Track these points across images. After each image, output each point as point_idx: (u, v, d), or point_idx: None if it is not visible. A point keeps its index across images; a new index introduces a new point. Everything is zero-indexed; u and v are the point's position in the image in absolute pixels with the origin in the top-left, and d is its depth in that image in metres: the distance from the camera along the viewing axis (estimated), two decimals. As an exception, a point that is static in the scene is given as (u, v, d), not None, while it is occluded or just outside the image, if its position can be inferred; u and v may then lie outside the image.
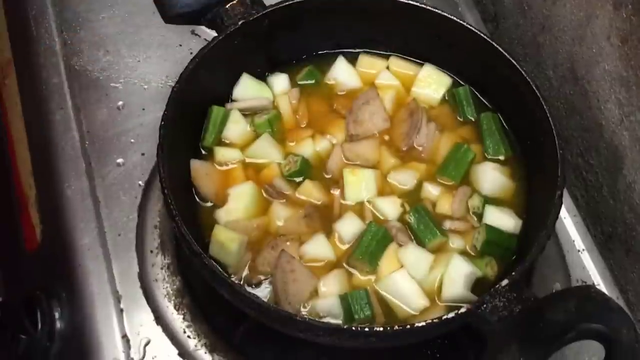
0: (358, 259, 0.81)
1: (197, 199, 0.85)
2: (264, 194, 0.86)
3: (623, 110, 0.93)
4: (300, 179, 0.87)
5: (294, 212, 0.85)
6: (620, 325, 0.66)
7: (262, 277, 0.81)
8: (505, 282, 0.72)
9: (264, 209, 0.85)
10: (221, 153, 0.88)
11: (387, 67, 0.96)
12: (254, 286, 0.80)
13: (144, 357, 0.84)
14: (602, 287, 0.93)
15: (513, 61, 0.87)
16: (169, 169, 0.79)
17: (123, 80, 1.02)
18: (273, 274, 0.79)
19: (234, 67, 0.91)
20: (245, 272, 0.81)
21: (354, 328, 0.71)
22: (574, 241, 0.96)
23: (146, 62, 1.04)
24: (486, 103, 0.94)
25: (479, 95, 0.94)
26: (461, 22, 0.90)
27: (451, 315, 0.71)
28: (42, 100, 1.00)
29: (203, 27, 0.98)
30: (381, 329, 0.71)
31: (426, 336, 0.78)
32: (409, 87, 0.94)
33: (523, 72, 0.86)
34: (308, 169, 0.88)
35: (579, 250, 0.95)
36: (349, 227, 0.84)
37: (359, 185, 0.86)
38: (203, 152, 0.89)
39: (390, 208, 0.86)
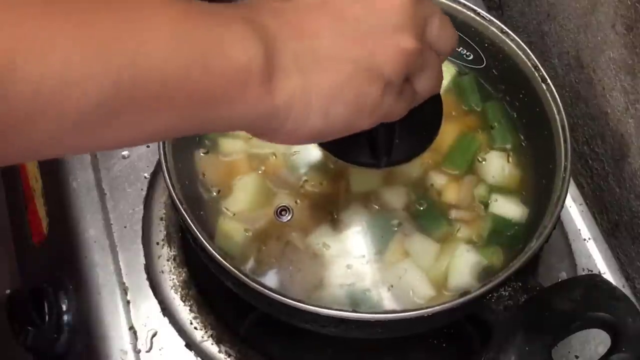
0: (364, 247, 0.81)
1: (202, 190, 0.85)
2: (269, 184, 0.86)
3: (628, 98, 0.93)
4: (306, 168, 0.87)
5: (299, 202, 0.85)
6: (626, 313, 0.66)
7: (268, 268, 0.81)
8: (510, 271, 0.72)
9: (269, 200, 0.85)
10: (226, 144, 0.88)
11: (392, 57, 0.95)
12: (259, 277, 0.80)
13: (151, 348, 0.85)
14: (608, 275, 0.93)
15: (518, 50, 0.87)
16: (174, 160, 0.79)
17: (128, 72, 1.02)
18: (279, 265, 0.79)
19: (238, 58, 0.91)
20: (250, 263, 0.81)
21: (360, 319, 0.72)
22: (579, 230, 0.96)
23: (151, 54, 1.04)
24: (491, 91, 0.93)
25: (484, 84, 0.94)
26: (465, 10, 0.90)
27: (456, 304, 0.71)
28: (47, 93, 1.00)
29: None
30: (387, 319, 0.71)
31: (431, 325, 0.78)
32: (414, 76, 0.94)
33: (528, 61, 0.86)
34: (313, 159, 0.88)
35: (584, 239, 0.95)
36: (354, 217, 0.84)
37: (364, 174, 0.86)
38: (207, 143, 0.89)
39: (395, 197, 0.85)
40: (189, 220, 0.75)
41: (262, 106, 0.52)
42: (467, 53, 0.92)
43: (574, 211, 0.97)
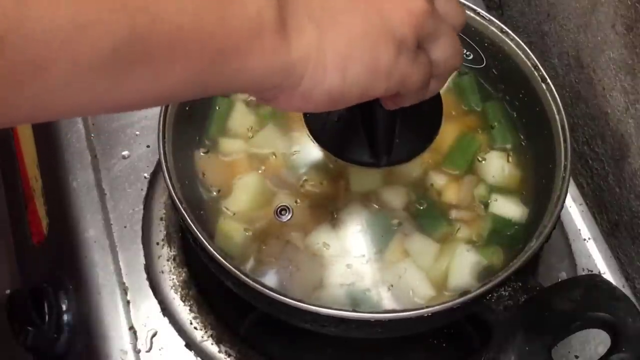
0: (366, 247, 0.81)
1: (202, 190, 0.85)
2: (269, 184, 0.86)
3: (628, 98, 0.93)
4: (306, 168, 0.87)
5: (299, 202, 0.85)
6: (626, 313, 0.66)
7: (268, 268, 0.81)
8: (510, 271, 0.72)
9: (269, 200, 0.85)
10: (225, 144, 0.88)
11: (391, 57, 0.95)
12: (259, 277, 0.80)
13: (150, 348, 0.85)
14: (608, 275, 0.93)
15: (518, 50, 0.87)
16: (174, 160, 0.79)
17: (128, 72, 1.02)
18: (279, 265, 0.79)
19: (238, 58, 0.91)
20: (250, 263, 0.81)
21: (359, 318, 0.72)
22: (579, 230, 0.96)
23: (150, 54, 1.04)
24: (491, 91, 0.93)
25: (484, 84, 0.94)
26: (465, 9, 0.90)
27: (456, 304, 0.71)
28: (47, 93, 1.00)
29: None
30: (387, 318, 0.71)
31: (431, 325, 0.78)
32: (413, 76, 0.94)
33: (528, 61, 0.86)
34: (313, 159, 0.88)
35: (584, 239, 0.95)
36: (354, 216, 0.84)
37: (364, 174, 0.86)
38: (207, 142, 0.89)
39: (395, 197, 0.85)
40: (189, 220, 0.75)
41: (278, 59, 0.51)
42: (467, 53, 0.92)
43: (574, 211, 0.97)
